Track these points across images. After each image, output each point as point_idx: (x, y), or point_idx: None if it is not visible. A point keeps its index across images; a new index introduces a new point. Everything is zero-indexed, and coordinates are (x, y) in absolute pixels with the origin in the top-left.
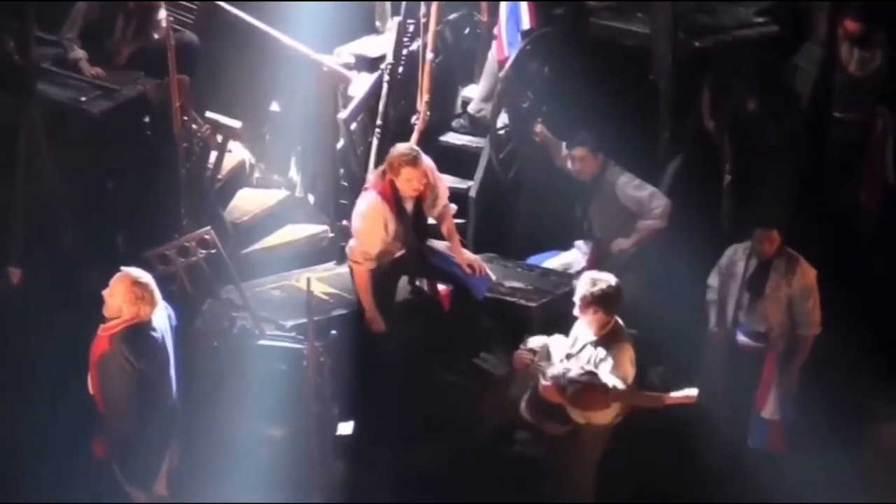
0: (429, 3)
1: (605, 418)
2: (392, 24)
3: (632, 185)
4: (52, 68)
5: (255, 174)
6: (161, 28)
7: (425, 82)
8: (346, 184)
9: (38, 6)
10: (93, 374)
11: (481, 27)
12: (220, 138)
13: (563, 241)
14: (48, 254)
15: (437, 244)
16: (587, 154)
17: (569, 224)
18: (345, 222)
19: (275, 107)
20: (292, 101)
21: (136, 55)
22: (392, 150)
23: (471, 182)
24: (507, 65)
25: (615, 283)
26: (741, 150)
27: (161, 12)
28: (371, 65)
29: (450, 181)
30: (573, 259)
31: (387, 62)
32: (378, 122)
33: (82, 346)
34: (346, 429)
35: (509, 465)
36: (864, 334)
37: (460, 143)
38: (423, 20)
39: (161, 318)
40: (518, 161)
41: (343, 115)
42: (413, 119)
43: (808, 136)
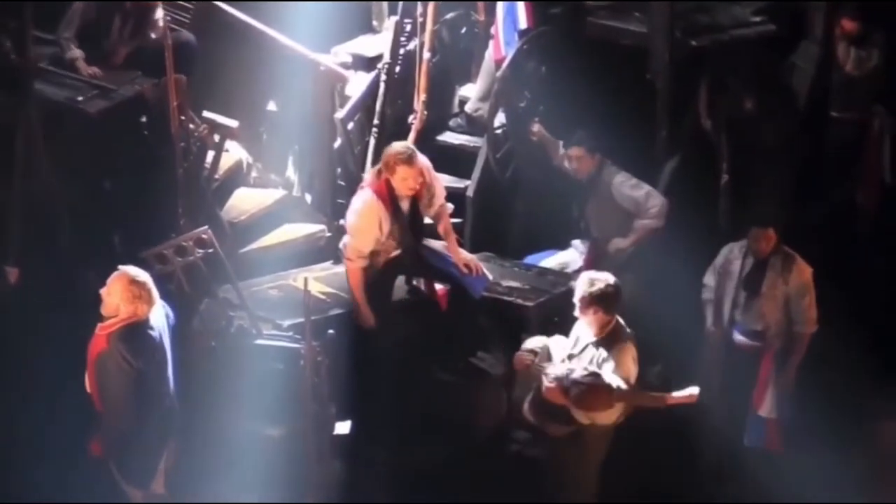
0: (426, 2)
1: (609, 419)
2: (389, 23)
3: (628, 184)
4: (49, 68)
5: (253, 173)
6: (158, 27)
7: (422, 82)
8: (343, 183)
9: (36, 6)
10: (90, 372)
11: (478, 26)
12: (217, 138)
13: (560, 240)
14: (45, 253)
15: (433, 243)
16: (584, 154)
17: (566, 223)
18: (342, 221)
19: (272, 106)
20: (289, 101)
21: (133, 55)
22: (387, 149)
23: (468, 181)
24: (505, 64)
25: (614, 282)
26: (738, 149)
27: (158, 12)
28: (368, 64)
29: (447, 180)
30: (570, 258)
31: (384, 61)
32: (375, 121)
33: (80, 346)
34: (343, 428)
35: (507, 465)
36: (861, 333)
37: (457, 142)
38: (420, 19)
39: (159, 317)
40: (515, 160)
41: (340, 114)
42: (410, 118)
43: (805, 135)
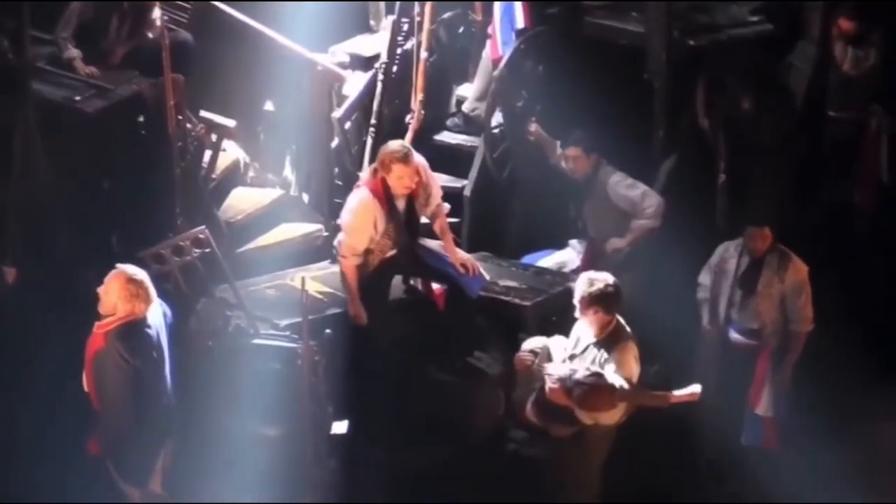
0: (423, 2)
1: (612, 419)
2: (386, 22)
3: (623, 184)
4: (47, 67)
5: (250, 173)
6: (155, 27)
7: (419, 81)
8: (340, 183)
9: (33, 5)
10: (88, 371)
11: (476, 26)
12: (214, 137)
13: (557, 240)
14: (43, 253)
15: (430, 243)
16: (581, 153)
17: (563, 223)
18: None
19: (269, 106)
20: (287, 101)
21: (130, 54)
22: (383, 148)
23: (465, 181)
24: (502, 64)
25: (613, 282)
26: (736, 148)
27: (155, 11)
28: (365, 64)
29: (444, 180)
30: (567, 258)
31: (381, 61)
32: (372, 121)
33: (77, 345)
34: (340, 428)
35: (504, 465)
36: (858, 332)
37: (455, 142)
38: (417, 19)
39: (156, 316)
40: (512, 160)
41: (337, 113)
42: (407, 118)
43: (802, 134)
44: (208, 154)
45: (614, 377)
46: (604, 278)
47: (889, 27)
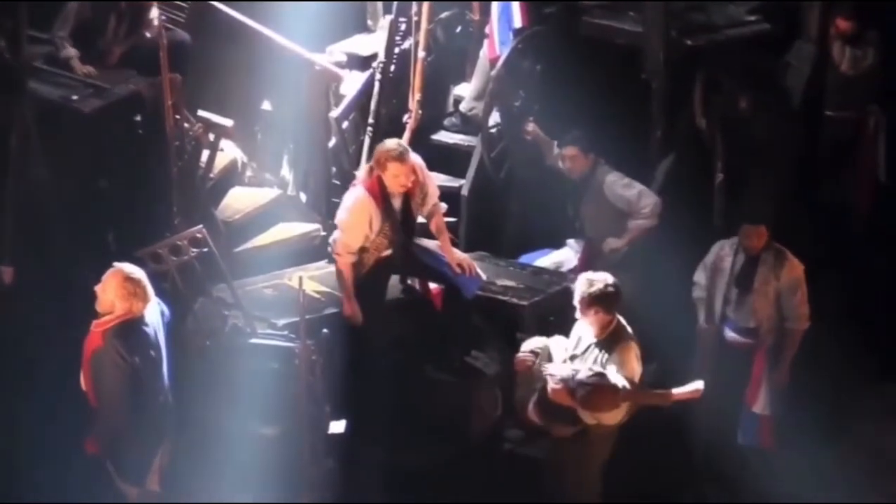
0: (420, 1)
1: (615, 419)
2: (384, 22)
3: (620, 183)
4: (44, 66)
5: (247, 172)
6: (153, 27)
7: (417, 81)
8: (338, 182)
9: (30, 4)
10: (85, 370)
11: (473, 26)
12: (211, 137)
13: (554, 239)
14: (40, 252)
15: (427, 243)
16: (578, 153)
17: (561, 223)
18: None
19: (267, 105)
20: (284, 100)
21: (127, 54)
22: (379, 146)
23: (463, 180)
24: (499, 63)
25: (612, 281)
26: (733, 148)
27: (153, 11)
28: (363, 63)
29: (442, 180)
30: (565, 257)
31: (379, 61)
32: (370, 120)
33: (75, 344)
34: (337, 427)
35: (501, 464)
36: (855, 331)
37: (452, 141)
38: (414, 19)
39: (154, 314)
40: (510, 160)
41: (335, 113)
42: (405, 117)
43: (799, 134)
44: (206, 153)
45: (616, 377)
46: (603, 278)
47: (887, 27)
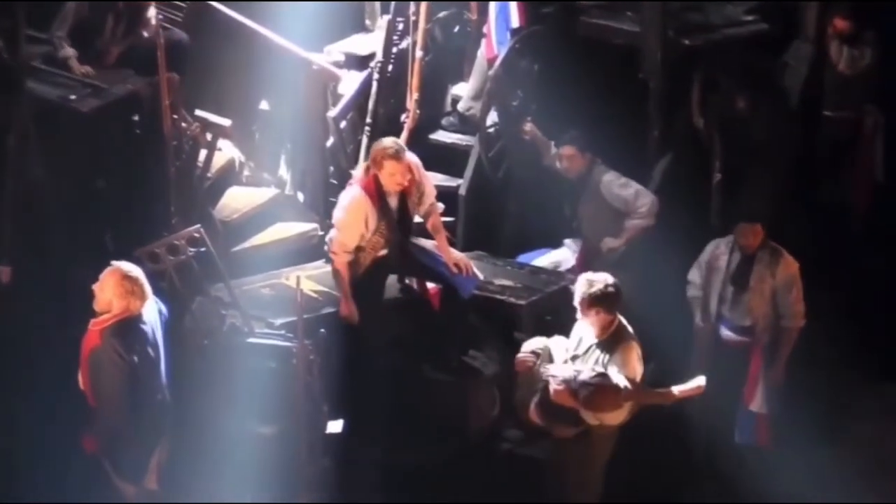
0: (418, 1)
1: (617, 419)
2: (382, 22)
3: (617, 183)
4: (42, 66)
5: (245, 172)
6: (151, 26)
7: (415, 80)
8: (335, 182)
9: (29, 4)
10: (84, 368)
11: (471, 25)
12: (209, 136)
13: (552, 239)
14: (38, 252)
15: (424, 242)
16: (575, 153)
17: (558, 222)
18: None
19: (264, 105)
20: (282, 100)
21: (125, 53)
22: (375, 145)
23: (460, 180)
24: (497, 63)
25: (612, 281)
26: (731, 148)
27: (151, 11)
28: (361, 63)
29: (439, 179)
30: (563, 257)
31: (376, 60)
32: (368, 120)
33: (73, 344)
34: (335, 427)
35: (499, 464)
36: (852, 330)
37: (450, 141)
38: (412, 18)
39: (152, 313)
40: (507, 159)
41: (333, 113)
42: (403, 117)
43: (797, 134)
44: (203, 153)
45: (618, 377)
46: (603, 279)
47: (884, 27)
